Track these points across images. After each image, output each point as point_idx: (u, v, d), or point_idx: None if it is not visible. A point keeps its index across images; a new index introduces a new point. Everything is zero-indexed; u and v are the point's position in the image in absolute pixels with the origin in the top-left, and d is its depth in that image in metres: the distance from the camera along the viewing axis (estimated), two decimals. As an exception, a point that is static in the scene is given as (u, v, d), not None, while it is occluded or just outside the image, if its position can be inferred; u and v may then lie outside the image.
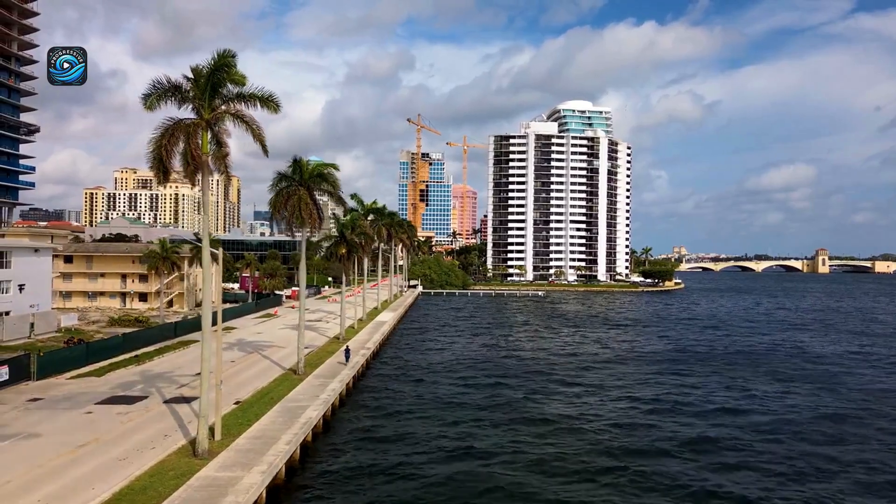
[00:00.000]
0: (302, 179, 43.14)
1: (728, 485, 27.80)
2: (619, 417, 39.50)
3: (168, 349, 54.04)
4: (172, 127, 25.76)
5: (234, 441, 28.15)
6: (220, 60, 26.04)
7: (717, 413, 40.81)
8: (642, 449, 32.88)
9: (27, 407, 34.10)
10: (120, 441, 28.21)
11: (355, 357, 50.19)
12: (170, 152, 25.53)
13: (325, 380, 42.11)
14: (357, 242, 62.54)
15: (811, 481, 28.54)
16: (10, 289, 52.68)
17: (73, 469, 24.51)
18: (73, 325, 60.29)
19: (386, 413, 39.36)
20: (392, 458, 30.56)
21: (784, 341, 78.00)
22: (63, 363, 43.24)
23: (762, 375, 54.28)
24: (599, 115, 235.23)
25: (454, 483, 27.34)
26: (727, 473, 29.34)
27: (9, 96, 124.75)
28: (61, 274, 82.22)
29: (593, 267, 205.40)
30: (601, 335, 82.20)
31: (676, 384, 50.07)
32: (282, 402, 35.69)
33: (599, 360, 61.37)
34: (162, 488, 22.57)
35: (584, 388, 48.43)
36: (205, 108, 26.23)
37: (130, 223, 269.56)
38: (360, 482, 27.15)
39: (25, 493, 22.02)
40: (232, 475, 23.77)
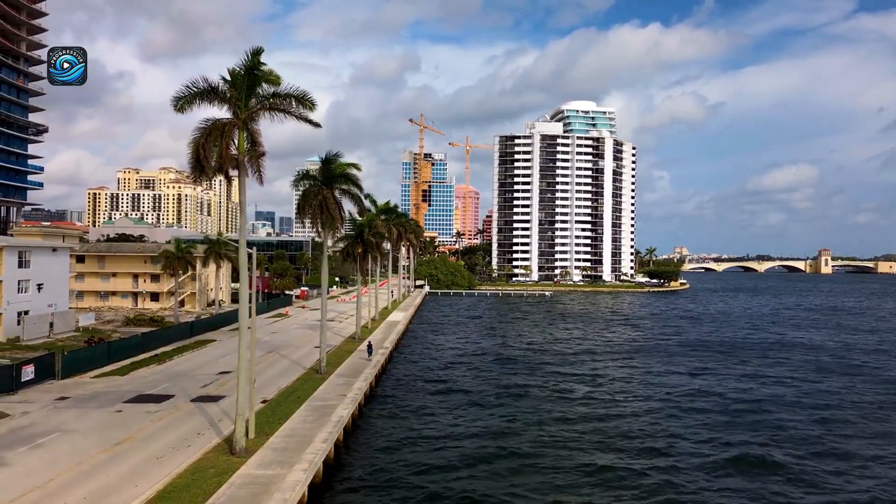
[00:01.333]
0: (325, 179, 43.30)
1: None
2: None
3: (186, 348, 54.23)
4: (211, 127, 25.87)
5: (269, 440, 28.26)
6: (253, 59, 26.17)
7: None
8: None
9: (56, 406, 34.23)
10: (154, 439, 28.33)
11: (375, 356, 50.29)
12: (208, 151, 25.63)
13: (348, 378, 42.22)
14: (373, 242, 62.59)
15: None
16: (29, 288, 52.80)
17: (112, 466, 24.63)
18: (90, 325, 60.45)
19: (412, 410, 39.55)
20: (424, 455, 30.70)
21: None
22: (86, 362, 43.42)
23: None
24: (603, 116, 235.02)
25: (491, 477, 27.48)
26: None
27: (18, 96, 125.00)
28: (74, 273, 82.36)
29: (598, 267, 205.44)
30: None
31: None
32: (309, 401, 35.81)
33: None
34: (205, 486, 22.68)
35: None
36: (241, 107, 26.36)
37: (134, 223, 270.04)
38: (395, 479, 27.28)
39: (70, 490, 22.14)
40: (272, 473, 23.88)
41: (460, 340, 74.62)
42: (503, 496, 25.82)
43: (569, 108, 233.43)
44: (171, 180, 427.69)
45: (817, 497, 26.77)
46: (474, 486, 26.77)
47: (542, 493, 26.26)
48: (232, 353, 53.47)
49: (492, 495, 25.92)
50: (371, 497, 25.46)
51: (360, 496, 25.50)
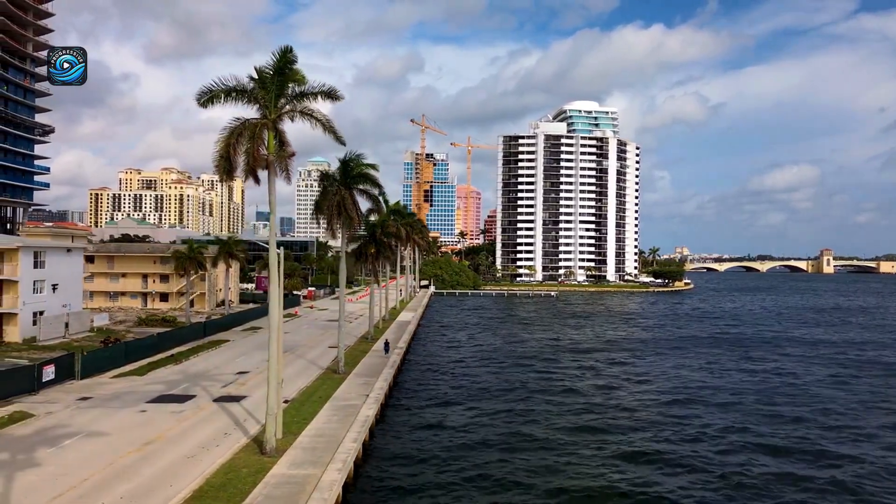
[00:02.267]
0: (344, 180, 43.32)
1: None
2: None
3: (201, 348, 54.24)
4: (240, 127, 25.87)
5: (297, 439, 28.27)
6: (282, 58, 26.17)
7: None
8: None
9: (79, 406, 34.25)
10: (183, 439, 28.35)
11: (392, 356, 50.30)
12: (237, 151, 25.65)
13: (367, 378, 42.23)
14: (386, 242, 62.64)
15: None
16: (44, 288, 52.84)
17: (145, 466, 24.65)
18: (104, 325, 60.49)
19: (433, 409, 39.59)
20: (450, 453, 30.72)
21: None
22: (104, 362, 43.46)
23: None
24: (606, 116, 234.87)
25: (522, 477, 27.49)
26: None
27: (24, 97, 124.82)
28: (87, 274, 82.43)
29: (602, 267, 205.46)
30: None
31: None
32: (331, 401, 35.83)
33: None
34: (241, 485, 22.69)
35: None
36: (270, 107, 26.37)
37: (137, 224, 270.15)
38: (425, 478, 27.30)
39: (106, 490, 22.15)
40: (305, 473, 23.89)
41: (473, 340, 74.69)
42: (538, 491, 25.84)
43: (571, 108, 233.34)
44: (172, 181, 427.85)
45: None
46: (506, 481, 26.80)
47: (575, 479, 26.30)
48: (247, 353, 53.61)
49: (526, 490, 25.95)
50: (404, 496, 25.47)
51: (393, 494, 25.52)
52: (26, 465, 24.54)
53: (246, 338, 62.30)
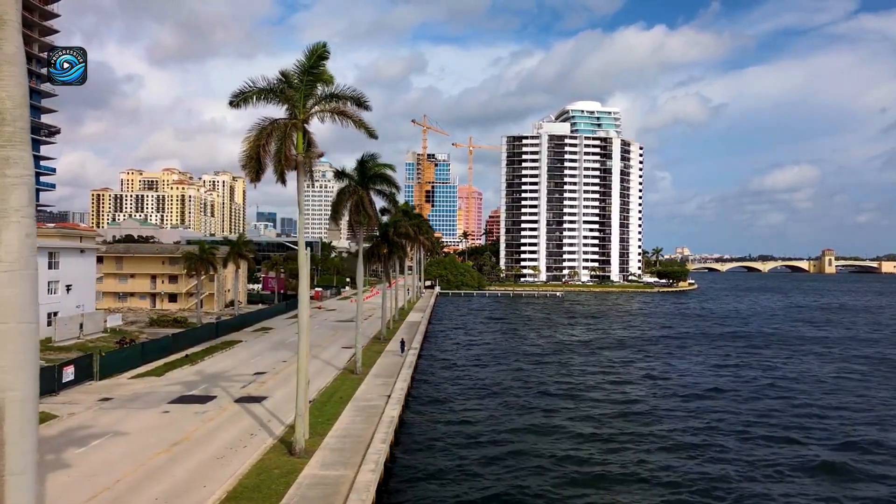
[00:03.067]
0: (361, 179, 43.29)
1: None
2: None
3: (215, 349, 54.19)
4: (270, 127, 25.83)
5: (323, 440, 28.20)
6: (313, 56, 26.09)
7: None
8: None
9: (101, 406, 34.20)
10: (209, 440, 28.29)
11: (407, 356, 50.24)
12: (267, 152, 25.60)
13: (385, 379, 42.18)
14: (398, 242, 62.60)
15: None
16: (58, 289, 52.81)
17: (175, 467, 24.59)
18: (117, 326, 60.47)
19: (453, 410, 39.58)
20: (475, 453, 30.70)
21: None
22: (122, 363, 43.43)
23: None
24: (608, 116, 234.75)
25: (548, 473, 27.47)
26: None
27: (30, 97, 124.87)
28: (101, 275, 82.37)
29: (606, 267, 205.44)
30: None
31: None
32: (353, 402, 35.77)
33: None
34: (274, 486, 22.62)
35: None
36: (299, 108, 26.31)
37: (140, 224, 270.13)
38: (453, 477, 27.28)
39: (140, 491, 22.10)
40: (337, 474, 23.84)
41: (485, 340, 74.74)
42: (566, 487, 25.82)
43: (574, 109, 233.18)
44: (174, 181, 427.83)
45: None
46: (537, 481, 26.76)
47: (605, 483, 26.27)
48: (261, 353, 53.56)
49: (553, 489, 25.92)
50: (436, 496, 25.44)
51: (425, 495, 25.48)
52: (57, 466, 24.48)
53: (258, 338, 62.26)
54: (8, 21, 8.54)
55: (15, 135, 8.30)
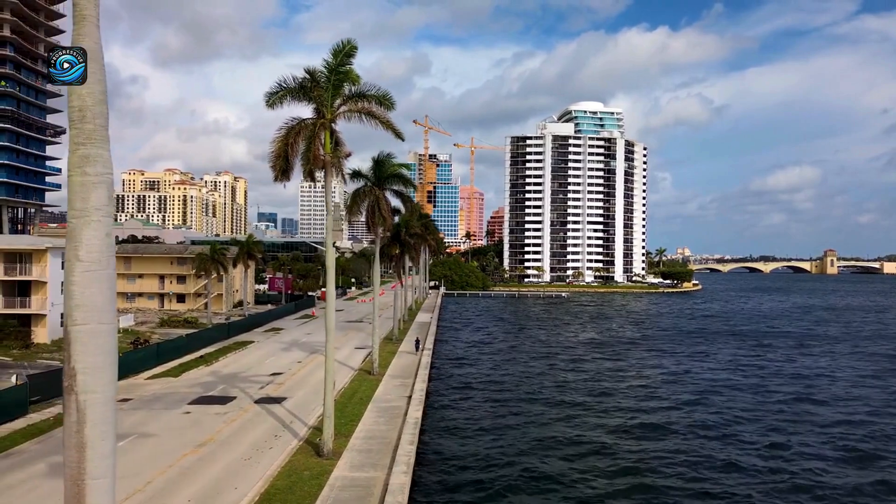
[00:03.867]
0: (377, 180, 43.13)
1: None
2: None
3: (228, 350, 54.03)
4: (298, 126, 25.70)
5: (349, 441, 28.05)
6: (340, 55, 25.95)
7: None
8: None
9: (122, 407, 33.97)
10: (234, 441, 28.14)
11: (425, 357, 50.08)
12: (295, 151, 25.47)
13: (403, 380, 42.03)
14: (410, 243, 62.46)
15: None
16: (71, 290, 52.66)
17: (204, 468, 24.44)
18: (128, 326, 60.33)
19: (474, 410, 39.46)
20: (500, 450, 30.56)
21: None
22: (138, 364, 43.33)
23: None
24: (611, 116, 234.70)
25: (582, 476, 27.34)
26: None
27: (35, 97, 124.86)
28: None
29: (610, 268, 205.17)
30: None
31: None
32: (373, 403, 35.64)
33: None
34: (306, 487, 22.47)
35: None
36: (327, 107, 26.17)
37: (143, 225, 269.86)
38: (480, 478, 27.13)
39: (172, 492, 21.95)
40: (367, 475, 23.69)
41: (496, 340, 74.65)
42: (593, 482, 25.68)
43: (577, 109, 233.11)
44: (175, 182, 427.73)
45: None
46: (563, 478, 26.62)
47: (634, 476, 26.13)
48: (274, 354, 53.31)
49: (581, 485, 25.78)
50: (465, 497, 25.30)
51: (455, 496, 25.34)
52: (85, 467, 24.32)
53: (269, 339, 62.08)
54: (87, 17, 8.41)
55: (95, 132, 8.17)
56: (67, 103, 8.38)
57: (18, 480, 22.93)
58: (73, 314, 8.17)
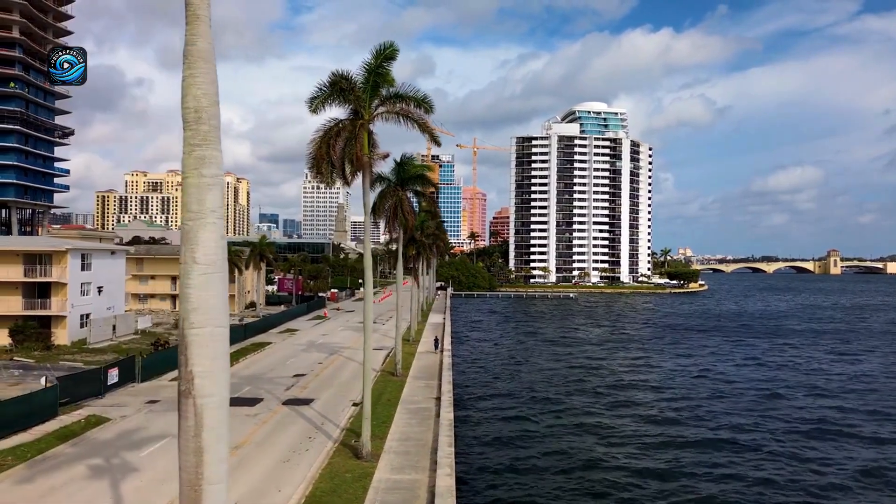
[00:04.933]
0: (399, 181, 43.06)
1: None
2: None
3: (247, 351, 53.97)
4: (337, 127, 25.64)
5: (385, 443, 27.94)
6: (380, 57, 25.87)
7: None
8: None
9: (151, 409, 33.96)
10: (270, 443, 28.06)
11: (446, 358, 49.99)
12: (336, 152, 25.42)
13: (427, 381, 41.95)
14: (426, 243, 62.47)
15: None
16: (90, 291, 52.62)
17: (244, 471, 24.35)
18: (146, 328, 60.31)
19: (499, 409, 39.45)
20: (533, 452, 30.51)
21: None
22: (161, 365, 43.19)
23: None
24: (615, 117, 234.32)
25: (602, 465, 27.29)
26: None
27: (44, 99, 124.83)
28: (129, 276, 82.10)
29: (616, 268, 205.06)
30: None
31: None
32: (402, 404, 35.53)
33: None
34: (351, 490, 22.38)
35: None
36: (365, 108, 26.10)
37: (147, 226, 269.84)
38: (517, 480, 27.08)
39: (217, 495, 21.86)
40: (410, 478, 23.61)
41: (510, 339, 74.64)
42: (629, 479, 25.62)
43: (580, 109, 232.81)
44: (178, 182, 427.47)
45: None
46: (599, 478, 26.55)
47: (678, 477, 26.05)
48: (294, 355, 53.18)
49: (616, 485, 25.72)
50: (508, 496, 25.24)
51: (497, 498, 25.28)
52: (125, 470, 24.26)
53: (286, 340, 62.02)
54: (201, 17, 8.33)
55: (210, 133, 8.10)
56: (181, 104, 8.28)
57: (60, 483, 22.85)
58: (190, 317, 8.09)
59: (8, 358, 43.97)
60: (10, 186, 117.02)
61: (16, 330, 46.97)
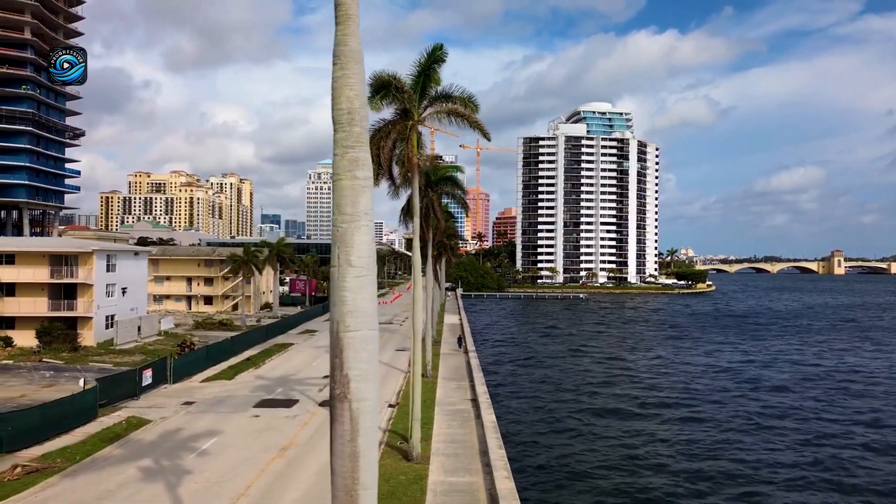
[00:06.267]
0: (429, 183, 42.93)
1: None
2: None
3: (272, 352, 53.83)
4: (386, 129, 25.55)
5: (431, 445, 27.83)
6: (430, 58, 25.76)
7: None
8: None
9: (188, 411, 33.88)
10: (315, 444, 27.94)
11: (473, 359, 49.88)
12: (387, 154, 25.34)
13: (458, 382, 41.86)
14: (447, 244, 62.37)
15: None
16: (115, 292, 52.57)
17: (297, 472, 24.28)
18: (169, 329, 60.25)
19: (533, 409, 39.37)
20: (579, 452, 30.42)
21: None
22: (190, 366, 43.19)
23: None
24: (620, 117, 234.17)
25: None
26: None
27: (55, 100, 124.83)
28: (151, 277, 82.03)
29: (623, 269, 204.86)
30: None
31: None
32: (438, 406, 35.41)
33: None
34: (409, 492, 22.29)
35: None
36: (415, 108, 26.00)
37: (153, 227, 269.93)
38: (570, 477, 26.98)
39: (276, 497, 21.80)
40: (466, 480, 23.52)
41: (527, 338, 74.50)
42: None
43: (586, 110, 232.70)
44: (182, 184, 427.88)
45: None
46: (647, 482, 26.44)
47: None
48: (319, 356, 52.87)
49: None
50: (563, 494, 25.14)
51: (555, 497, 25.19)
52: (179, 472, 24.16)
53: (306, 341, 61.92)
54: (352, 17, 8.24)
55: (362, 135, 8.01)
56: (333, 106, 8.19)
57: (116, 485, 22.76)
58: (346, 320, 7.99)
59: (37, 359, 43.90)
60: (21, 187, 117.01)
61: (43, 331, 46.91)
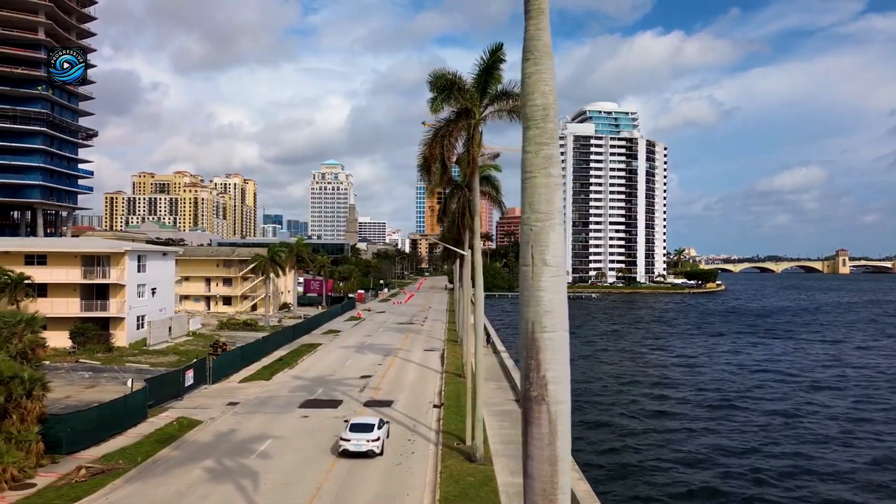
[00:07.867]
0: (466, 181, 42.82)
1: None
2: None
3: (302, 352, 53.70)
4: (449, 128, 25.41)
5: (490, 446, 27.71)
6: (492, 57, 25.57)
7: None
8: None
9: (235, 411, 33.74)
10: (371, 446, 27.77)
11: (508, 360, 49.73)
12: (451, 153, 25.24)
13: (497, 382, 41.75)
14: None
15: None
16: (145, 293, 52.45)
17: (362, 473, 24.14)
18: (197, 330, 60.11)
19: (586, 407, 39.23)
20: (631, 443, 30.26)
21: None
22: (227, 367, 43.08)
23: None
24: (626, 116, 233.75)
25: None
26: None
27: (68, 100, 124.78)
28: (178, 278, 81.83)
29: (632, 269, 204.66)
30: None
31: None
32: (486, 407, 35.09)
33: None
34: (482, 493, 22.16)
35: None
36: (477, 107, 25.85)
37: (159, 228, 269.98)
38: (628, 476, 26.85)
39: (349, 498, 21.66)
40: (534, 480, 23.33)
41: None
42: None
43: (592, 109, 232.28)
44: (186, 184, 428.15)
45: None
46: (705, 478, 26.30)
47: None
48: (349, 356, 52.79)
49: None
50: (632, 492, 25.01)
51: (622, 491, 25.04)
52: (244, 474, 23.99)
53: (332, 341, 61.79)
54: (544, 10, 8.07)
55: (554, 132, 7.85)
56: (528, 101, 8.00)
57: (185, 486, 22.62)
58: (543, 321, 7.83)
59: (74, 360, 43.80)
60: (35, 188, 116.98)
61: (77, 332, 46.78)
